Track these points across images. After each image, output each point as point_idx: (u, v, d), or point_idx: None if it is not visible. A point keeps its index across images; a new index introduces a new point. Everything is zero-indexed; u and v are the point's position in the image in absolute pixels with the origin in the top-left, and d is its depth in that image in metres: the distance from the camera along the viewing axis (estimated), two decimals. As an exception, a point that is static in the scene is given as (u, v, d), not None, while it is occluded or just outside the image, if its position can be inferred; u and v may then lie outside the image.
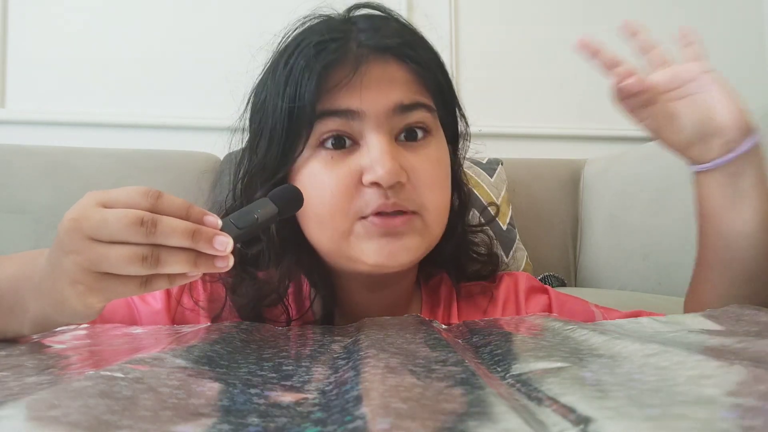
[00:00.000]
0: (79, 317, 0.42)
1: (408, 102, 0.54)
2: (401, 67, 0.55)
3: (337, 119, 0.53)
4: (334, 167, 0.53)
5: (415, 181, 0.53)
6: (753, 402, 0.23)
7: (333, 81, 0.53)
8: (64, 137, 1.45)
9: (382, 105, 0.53)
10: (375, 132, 0.53)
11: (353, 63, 0.53)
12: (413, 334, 0.45)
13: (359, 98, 0.53)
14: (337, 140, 0.54)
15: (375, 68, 0.54)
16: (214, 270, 0.39)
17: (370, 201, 0.52)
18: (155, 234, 0.36)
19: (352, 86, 0.53)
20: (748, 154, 0.55)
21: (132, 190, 0.38)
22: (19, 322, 0.45)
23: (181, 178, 1.32)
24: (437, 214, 0.56)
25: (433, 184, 0.55)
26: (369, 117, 0.53)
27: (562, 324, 0.49)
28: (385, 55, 0.55)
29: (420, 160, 0.54)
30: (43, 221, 1.20)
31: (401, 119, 0.54)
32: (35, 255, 0.45)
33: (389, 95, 0.54)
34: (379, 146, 0.52)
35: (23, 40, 1.52)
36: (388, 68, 0.55)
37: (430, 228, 0.55)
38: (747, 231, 0.56)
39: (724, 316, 0.51)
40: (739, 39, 1.73)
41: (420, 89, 0.56)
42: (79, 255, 0.37)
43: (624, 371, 0.30)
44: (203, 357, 0.35)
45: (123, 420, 0.22)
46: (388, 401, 0.24)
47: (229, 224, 0.40)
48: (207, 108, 1.53)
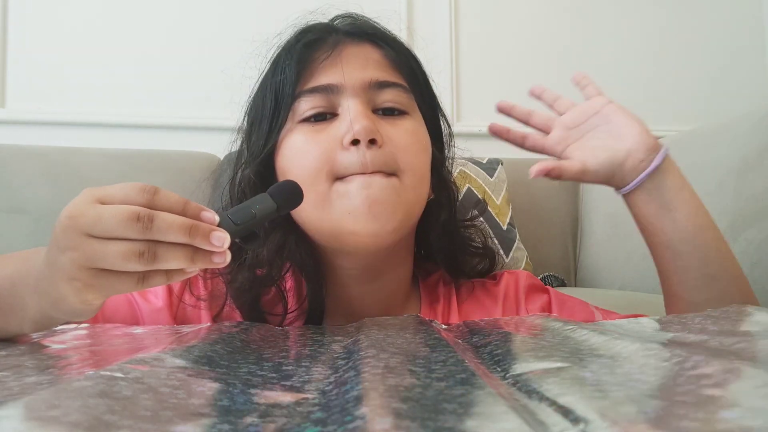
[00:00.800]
0: (77, 314, 0.42)
1: (383, 79, 0.58)
2: (376, 50, 0.61)
3: (318, 96, 0.57)
4: (315, 135, 0.56)
5: (391, 146, 0.56)
6: (753, 402, 0.23)
7: (313, 61, 0.58)
8: (64, 137, 1.45)
9: (359, 79, 0.57)
10: (351, 99, 0.56)
11: (332, 44, 0.59)
12: (413, 334, 0.45)
13: (338, 73, 0.57)
14: (318, 115, 0.57)
15: (351, 48, 0.59)
16: (212, 266, 0.39)
17: (348, 162, 0.54)
18: (152, 230, 0.36)
19: (330, 64, 0.58)
20: (662, 168, 0.59)
21: (128, 186, 0.38)
22: (19, 321, 0.45)
23: (181, 178, 1.32)
24: (413, 176, 0.57)
25: (409, 149, 0.57)
26: (346, 89, 0.57)
27: (562, 324, 0.49)
28: (362, 39, 0.61)
29: (396, 129, 0.57)
30: (43, 221, 1.20)
31: (377, 95, 0.58)
32: (32, 254, 0.45)
33: (365, 71, 0.58)
34: (355, 108, 0.55)
35: (23, 40, 1.52)
36: (364, 49, 0.60)
37: (407, 190, 0.56)
38: (686, 236, 0.58)
39: (724, 316, 0.51)
40: (739, 39, 1.73)
41: (395, 73, 0.60)
42: (75, 251, 0.37)
43: (624, 371, 0.30)
44: (203, 357, 0.35)
45: (123, 420, 0.22)
46: (388, 401, 0.24)
47: (227, 220, 0.40)
48: (207, 108, 1.53)
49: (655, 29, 1.70)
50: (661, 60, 1.69)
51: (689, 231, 0.58)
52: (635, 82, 1.65)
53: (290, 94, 0.57)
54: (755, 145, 0.95)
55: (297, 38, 0.61)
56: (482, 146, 1.38)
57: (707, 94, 1.69)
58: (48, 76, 1.53)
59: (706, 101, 1.67)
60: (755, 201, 0.94)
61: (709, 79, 1.70)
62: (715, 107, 1.63)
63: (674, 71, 1.69)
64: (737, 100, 1.63)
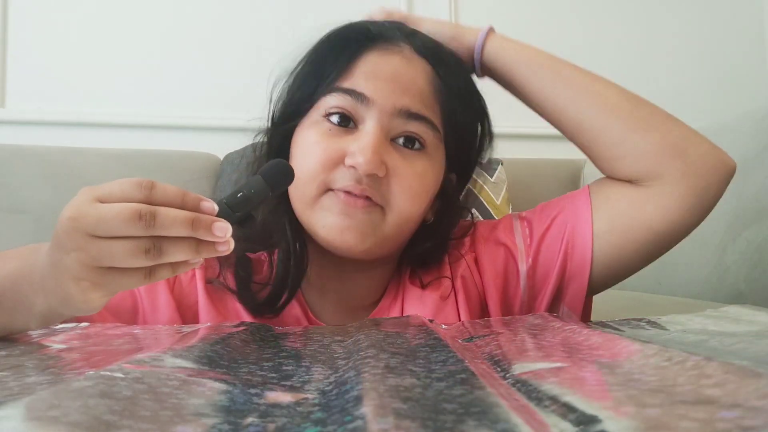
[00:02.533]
0: (85, 311, 0.43)
1: (415, 111, 0.57)
2: (426, 74, 0.59)
3: (349, 98, 0.56)
4: (327, 140, 0.56)
5: (392, 179, 0.56)
6: (753, 402, 0.23)
7: (364, 59, 0.57)
8: (64, 137, 1.44)
9: (391, 103, 0.56)
10: (373, 122, 0.56)
11: (391, 45, 0.58)
12: (413, 334, 0.45)
13: (375, 86, 0.56)
14: (342, 118, 0.57)
15: (403, 66, 0.58)
16: (216, 254, 0.39)
17: (343, 179, 0.55)
18: (155, 226, 0.36)
19: (376, 72, 0.57)
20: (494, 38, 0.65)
21: (125, 183, 0.38)
22: (25, 318, 0.46)
23: (181, 178, 1.32)
24: (399, 217, 0.57)
25: (408, 190, 0.57)
26: (375, 107, 0.56)
27: (562, 324, 0.49)
28: (422, 61, 0.59)
29: (405, 164, 0.56)
30: (43, 221, 1.20)
31: (402, 123, 0.57)
32: (32, 250, 0.45)
33: (402, 96, 0.56)
34: (369, 136, 0.55)
35: (23, 40, 1.52)
36: (415, 68, 0.58)
37: (386, 226, 0.57)
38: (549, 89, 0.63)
39: (723, 317, 0.51)
40: (739, 39, 1.73)
41: (433, 107, 0.58)
42: (80, 252, 0.37)
43: (624, 371, 0.30)
44: (203, 357, 0.35)
45: (123, 420, 0.22)
46: (388, 401, 0.24)
47: (224, 207, 0.40)
48: (207, 108, 1.53)
49: (655, 29, 1.70)
50: (661, 60, 1.69)
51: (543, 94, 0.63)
52: (635, 82, 1.64)
53: (333, 86, 0.57)
54: (755, 145, 0.95)
55: (359, 29, 0.60)
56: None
57: (707, 94, 1.69)
58: (48, 76, 1.53)
59: (706, 101, 1.67)
60: (755, 201, 0.94)
61: (709, 79, 1.70)
62: (715, 107, 1.63)
63: (674, 71, 1.69)
64: (737, 100, 1.63)
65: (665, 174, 0.58)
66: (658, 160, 0.59)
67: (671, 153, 0.58)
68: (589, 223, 0.61)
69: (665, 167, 0.58)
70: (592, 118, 0.61)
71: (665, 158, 0.58)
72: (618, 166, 0.61)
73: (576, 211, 0.62)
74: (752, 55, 1.74)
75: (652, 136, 0.59)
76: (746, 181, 0.95)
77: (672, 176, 0.58)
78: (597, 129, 0.61)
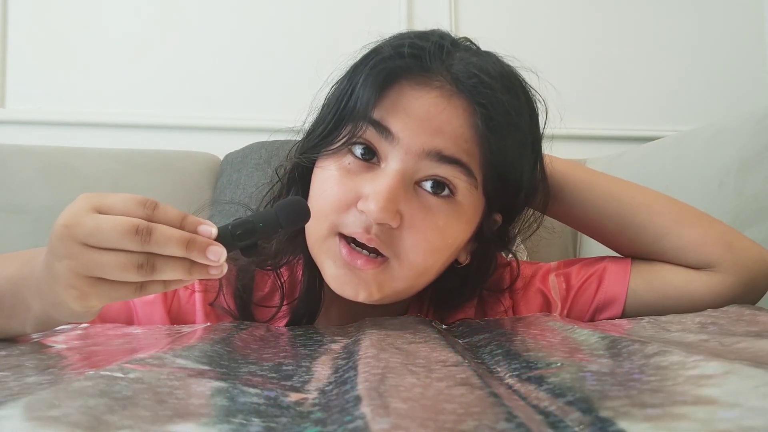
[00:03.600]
0: (77, 318, 0.43)
1: (447, 154, 0.51)
2: (466, 114, 0.51)
3: (374, 132, 0.51)
4: (344, 179, 0.52)
5: (406, 231, 0.51)
6: (753, 402, 0.22)
7: (397, 89, 0.51)
8: (64, 137, 1.44)
9: (419, 143, 0.50)
10: (395, 163, 0.50)
11: (424, 80, 0.51)
12: (413, 334, 0.45)
13: (403, 123, 0.50)
14: (366, 150, 0.52)
15: (439, 101, 0.51)
16: (208, 277, 0.39)
17: (353, 223, 0.51)
18: (150, 243, 0.36)
19: (406, 107, 0.51)
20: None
21: (128, 198, 0.38)
22: (22, 322, 0.46)
23: (181, 178, 1.32)
24: (410, 271, 0.52)
25: (422, 244, 0.51)
26: (400, 146, 0.50)
27: (562, 324, 0.49)
28: (460, 93, 0.51)
29: (424, 215, 0.51)
30: (43, 221, 1.20)
31: (431, 166, 0.51)
32: (33, 254, 0.45)
33: (434, 138, 0.50)
34: (387, 181, 0.49)
35: (23, 40, 1.52)
36: (452, 108, 0.51)
37: (396, 280, 0.52)
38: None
39: (724, 317, 0.51)
40: (739, 39, 1.73)
41: (471, 150, 0.51)
42: (71, 260, 0.37)
43: (624, 371, 0.30)
44: (203, 357, 0.35)
45: (123, 420, 0.22)
46: (388, 401, 0.24)
47: (226, 232, 0.40)
48: (207, 108, 1.52)
49: (656, 29, 1.70)
50: (660, 60, 1.69)
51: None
52: (635, 81, 1.65)
53: (362, 114, 0.51)
54: (755, 145, 0.95)
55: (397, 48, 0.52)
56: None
57: (707, 94, 1.69)
58: (48, 76, 1.52)
59: (706, 101, 1.67)
60: (755, 201, 0.94)
61: (709, 79, 1.70)
62: (715, 107, 1.63)
63: (674, 71, 1.69)
64: (737, 100, 1.63)
65: (715, 264, 0.59)
66: (707, 251, 0.59)
67: (719, 244, 0.59)
68: (626, 278, 0.61)
69: (715, 258, 0.59)
70: (635, 215, 0.60)
71: (714, 249, 0.59)
72: (662, 258, 0.61)
73: (616, 267, 0.62)
74: (752, 55, 1.73)
75: (698, 230, 0.59)
76: (746, 181, 0.95)
77: (722, 267, 0.58)
78: (639, 225, 0.60)
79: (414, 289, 0.56)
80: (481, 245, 0.58)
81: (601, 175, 0.65)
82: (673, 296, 0.59)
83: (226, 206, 1.20)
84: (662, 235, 0.60)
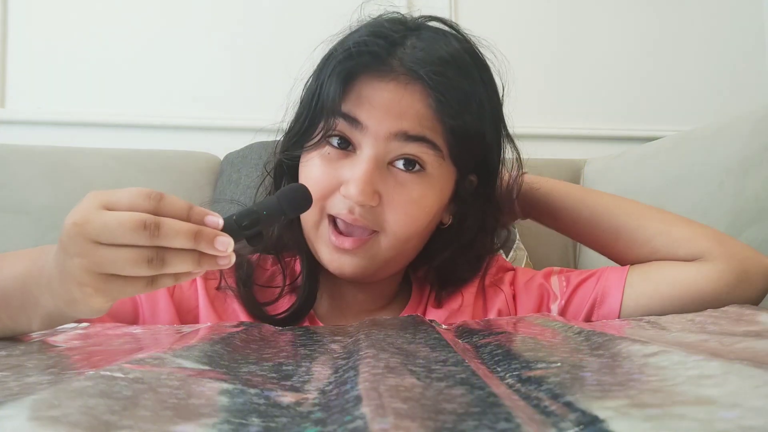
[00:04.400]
0: (89, 314, 0.43)
1: (413, 133, 0.56)
2: (424, 96, 0.56)
3: (345, 123, 0.56)
4: (327, 166, 0.57)
5: (386, 207, 0.57)
6: (753, 402, 0.23)
7: (358, 85, 0.56)
8: (64, 137, 1.44)
9: (386, 128, 0.55)
10: (368, 149, 0.56)
11: (383, 74, 0.56)
12: (413, 334, 0.45)
13: (369, 113, 0.56)
14: (342, 141, 0.57)
15: (398, 90, 0.56)
16: (217, 267, 0.40)
17: (338, 205, 0.56)
18: (158, 237, 0.37)
19: (369, 98, 0.56)
20: None
21: (134, 192, 0.38)
22: (29, 319, 0.46)
23: (181, 178, 1.32)
24: (395, 240, 0.58)
25: (403, 215, 0.57)
26: (369, 134, 0.56)
27: (562, 324, 0.49)
28: (416, 80, 0.56)
29: (400, 191, 0.57)
30: (43, 221, 1.20)
31: (400, 146, 0.56)
32: (40, 252, 0.45)
33: (398, 121, 0.55)
34: (363, 167, 0.55)
35: (23, 40, 1.52)
36: (411, 95, 0.56)
37: (383, 250, 0.58)
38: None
39: (724, 317, 0.51)
40: (739, 39, 1.73)
41: (433, 125, 0.56)
42: (83, 258, 0.38)
43: (624, 371, 0.30)
44: (203, 357, 0.35)
45: (123, 420, 0.22)
46: (388, 401, 0.24)
47: (232, 223, 0.41)
48: (207, 108, 1.52)
49: (656, 29, 1.70)
50: (660, 60, 1.69)
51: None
52: (635, 81, 1.65)
53: (331, 109, 0.56)
54: (755, 145, 0.95)
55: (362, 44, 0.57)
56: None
57: (707, 94, 1.68)
58: (48, 76, 1.52)
59: (706, 101, 1.67)
60: (755, 201, 0.94)
61: (709, 79, 1.70)
62: (715, 107, 1.63)
63: (674, 71, 1.69)
64: (737, 100, 1.63)
65: (706, 254, 0.62)
66: (697, 243, 0.62)
67: (708, 238, 0.62)
68: (624, 273, 0.64)
69: (705, 249, 0.62)
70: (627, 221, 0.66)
71: (704, 241, 0.62)
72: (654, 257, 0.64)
73: (614, 268, 0.67)
74: (752, 55, 1.73)
75: (685, 229, 0.64)
76: (746, 181, 0.95)
77: (712, 255, 0.61)
78: (630, 230, 0.65)
79: (404, 256, 0.62)
80: (461, 206, 0.63)
81: (594, 192, 0.72)
82: (668, 283, 0.62)
83: (226, 205, 1.20)
84: (653, 236, 0.64)
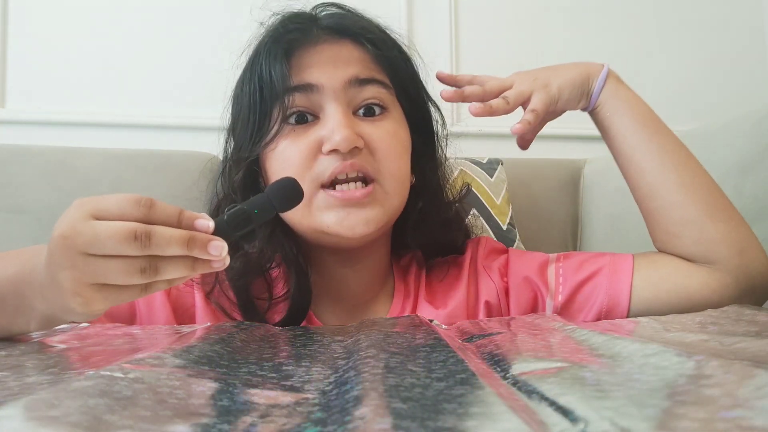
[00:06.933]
0: (86, 318, 0.44)
1: (363, 76, 0.59)
2: (357, 47, 0.61)
3: (299, 95, 0.58)
4: (297, 140, 0.57)
5: (372, 148, 0.58)
6: (753, 402, 0.22)
7: (295, 60, 0.59)
8: (64, 137, 1.44)
9: (339, 78, 0.58)
10: (332, 103, 0.57)
11: (313, 42, 0.60)
12: (413, 334, 0.45)
13: (317, 73, 0.58)
14: (300, 116, 0.58)
15: (333, 47, 0.60)
16: (211, 270, 0.39)
17: (328, 166, 0.56)
18: (150, 246, 0.36)
19: (311, 63, 0.58)
20: (612, 78, 0.70)
21: (123, 199, 0.37)
22: (25, 321, 0.46)
23: (181, 178, 1.32)
24: (394, 181, 0.59)
25: (389, 152, 0.58)
26: (327, 90, 0.57)
27: (562, 324, 0.49)
28: (343, 37, 0.61)
29: (377, 131, 0.58)
30: (43, 221, 1.20)
31: (357, 92, 0.59)
32: (32, 254, 0.45)
33: (346, 69, 0.58)
34: (336, 116, 0.56)
35: (23, 40, 1.52)
36: (345, 47, 0.60)
37: (389, 196, 0.58)
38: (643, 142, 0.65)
39: (724, 317, 0.51)
40: (739, 39, 1.73)
41: (376, 68, 0.61)
42: (75, 270, 0.37)
43: (624, 371, 0.30)
44: (203, 357, 0.35)
45: (123, 420, 0.22)
46: (388, 401, 0.24)
47: (223, 224, 0.40)
48: (207, 108, 1.52)
49: (655, 29, 1.70)
50: (660, 60, 1.69)
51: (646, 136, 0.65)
52: (635, 81, 1.65)
53: (276, 90, 0.58)
54: (755, 145, 0.95)
55: (282, 28, 0.61)
56: (482, 146, 1.38)
57: (707, 94, 1.69)
58: (48, 76, 1.52)
59: (706, 101, 1.67)
60: (755, 201, 0.94)
61: (709, 79, 1.70)
62: (715, 107, 1.63)
63: (674, 71, 1.69)
64: (737, 100, 1.63)
65: (720, 263, 0.60)
66: (719, 250, 0.60)
67: (733, 247, 0.60)
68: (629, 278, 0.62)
69: (723, 258, 0.60)
70: (670, 191, 0.61)
71: (726, 250, 0.60)
72: (677, 244, 0.62)
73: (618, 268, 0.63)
74: (752, 55, 1.73)
75: (721, 227, 0.60)
76: (746, 181, 0.95)
77: (725, 267, 0.59)
78: (670, 203, 0.61)
79: (400, 206, 0.62)
80: (418, 161, 0.65)
81: (658, 137, 0.67)
82: (671, 291, 0.61)
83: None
84: (687, 222, 0.61)
